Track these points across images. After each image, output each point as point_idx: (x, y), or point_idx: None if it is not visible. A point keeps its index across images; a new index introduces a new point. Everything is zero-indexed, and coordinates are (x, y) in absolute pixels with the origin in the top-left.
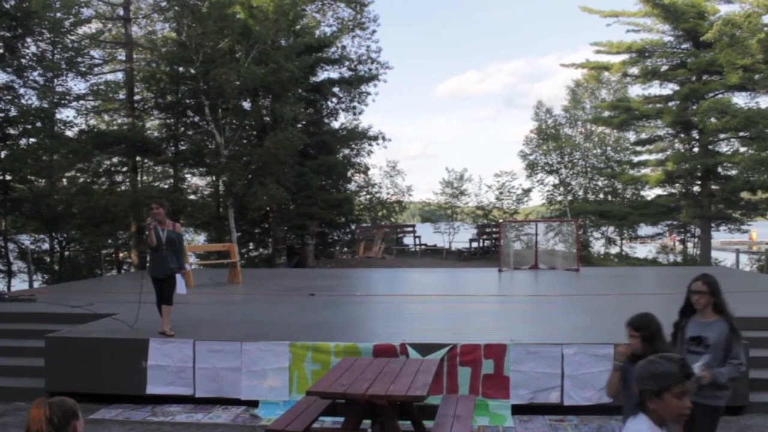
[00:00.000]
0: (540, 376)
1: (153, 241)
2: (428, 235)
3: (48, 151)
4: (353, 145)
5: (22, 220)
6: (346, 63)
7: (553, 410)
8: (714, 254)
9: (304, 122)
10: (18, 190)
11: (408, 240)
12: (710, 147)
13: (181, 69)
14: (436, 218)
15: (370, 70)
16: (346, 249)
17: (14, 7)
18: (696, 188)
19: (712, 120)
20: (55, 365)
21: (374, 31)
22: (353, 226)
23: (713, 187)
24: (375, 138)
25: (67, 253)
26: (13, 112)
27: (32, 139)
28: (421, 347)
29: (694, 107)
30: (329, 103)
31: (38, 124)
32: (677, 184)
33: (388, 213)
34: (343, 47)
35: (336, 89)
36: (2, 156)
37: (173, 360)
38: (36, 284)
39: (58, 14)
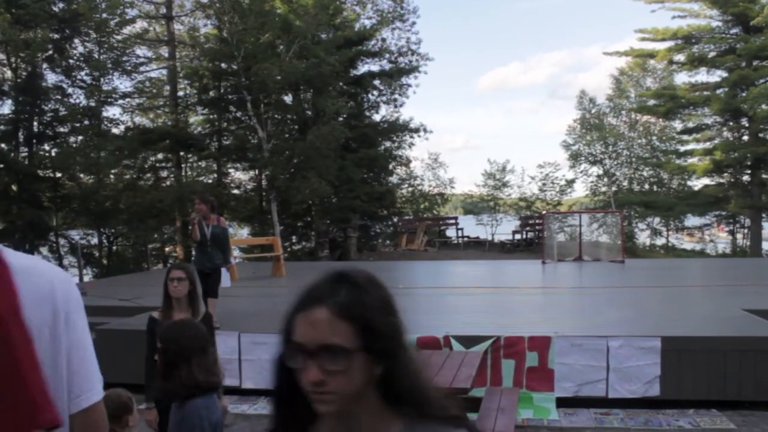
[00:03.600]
0: (585, 369)
1: (197, 236)
2: (471, 227)
3: (96, 149)
4: (395, 138)
5: (72, 215)
6: (387, 55)
7: (598, 403)
8: (765, 245)
9: (345, 115)
10: (67, 187)
11: (450, 232)
12: (761, 135)
13: (223, 65)
14: (478, 210)
15: (410, 62)
16: (388, 242)
17: (63, 9)
18: (745, 178)
19: (763, 107)
20: (107, 357)
21: (414, 23)
22: (395, 219)
23: (764, 176)
24: (416, 130)
25: (114, 247)
26: (62, 111)
27: (80, 137)
28: (465, 339)
29: (744, 94)
30: (370, 95)
31: (86, 122)
32: (725, 174)
33: (430, 205)
34: (383, 40)
35: (377, 82)
36: (53, 154)
37: (219, 352)
38: (86, 278)
39: (104, 15)
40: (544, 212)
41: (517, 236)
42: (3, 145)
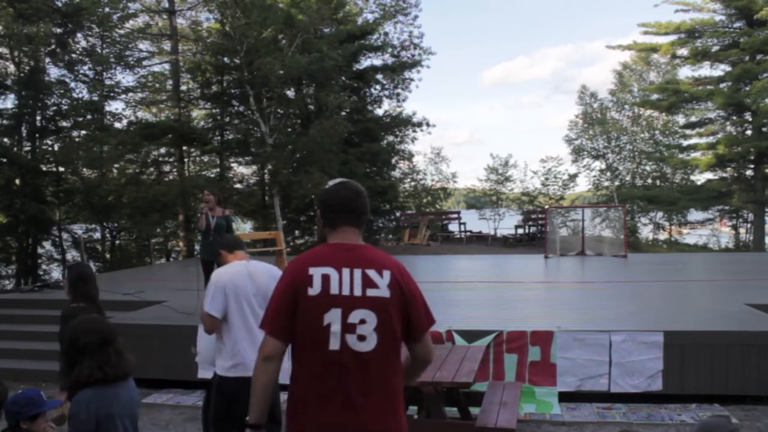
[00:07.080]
0: (587, 363)
1: (202, 225)
2: (473, 221)
3: (98, 143)
4: (397, 132)
5: (75, 210)
6: (389, 50)
7: (600, 398)
8: None
9: (347, 110)
10: (70, 181)
11: (453, 227)
12: (764, 129)
13: (225, 59)
14: (481, 205)
15: (413, 56)
16: (390, 236)
17: (65, 4)
18: (749, 172)
19: (767, 101)
20: None
21: (416, 17)
22: (398, 214)
23: (767, 170)
24: (419, 124)
25: (117, 242)
26: (65, 106)
27: (83, 132)
28: (467, 334)
29: (747, 88)
30: (373, 90)
31: (89, 116)
32: (729, 168)
33: (433, 200)
34: (386, 34)
35: (379, 76)
36: (56, 148)
37: None
38: None
39: (107, 9)
40: (546, 207)
41: (520, 231)
42: (6, 140)
